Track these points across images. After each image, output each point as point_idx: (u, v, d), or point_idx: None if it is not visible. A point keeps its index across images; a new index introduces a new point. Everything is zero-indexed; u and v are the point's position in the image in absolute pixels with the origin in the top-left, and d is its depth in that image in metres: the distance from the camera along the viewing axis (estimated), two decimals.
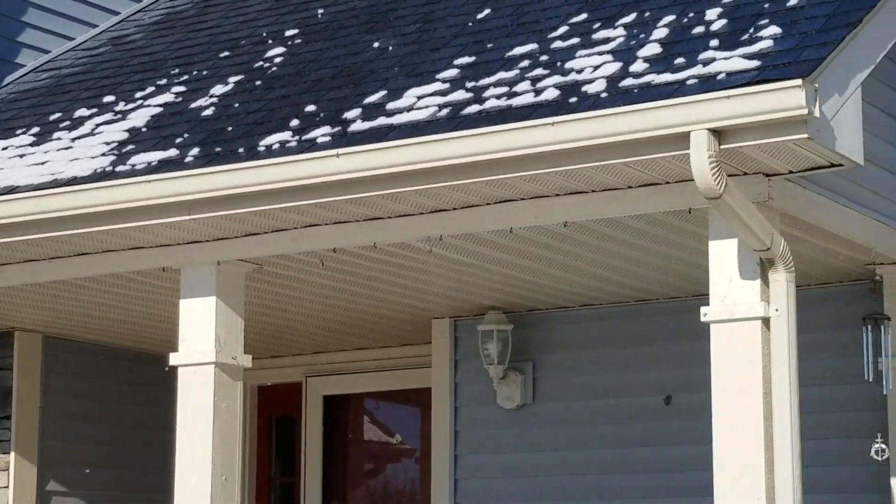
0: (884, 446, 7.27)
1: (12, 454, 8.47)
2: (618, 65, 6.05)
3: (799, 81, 5.08)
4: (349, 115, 6.47)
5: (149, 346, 9.16)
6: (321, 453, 9.76)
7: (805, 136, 5.18)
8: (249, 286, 7.21)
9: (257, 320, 8.20)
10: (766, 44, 5.72)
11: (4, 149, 7.66)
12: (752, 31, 5.95)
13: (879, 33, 5.94)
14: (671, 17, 6.46)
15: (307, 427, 9.83)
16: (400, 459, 9.90)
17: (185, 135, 6.98)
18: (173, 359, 6.79)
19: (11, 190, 6.86)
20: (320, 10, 8.70)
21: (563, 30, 6.74)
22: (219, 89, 7.61)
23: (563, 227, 6.45)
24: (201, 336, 6.79)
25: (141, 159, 6.72)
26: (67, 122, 7.79)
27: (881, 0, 5.94)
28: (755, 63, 5.51)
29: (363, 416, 9.97)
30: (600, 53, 6.31)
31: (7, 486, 8.45)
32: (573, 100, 5.82)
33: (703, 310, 5.76)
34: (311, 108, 6.78)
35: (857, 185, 6.41)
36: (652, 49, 6.10)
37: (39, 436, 8.68)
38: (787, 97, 5.11)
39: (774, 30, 5.84)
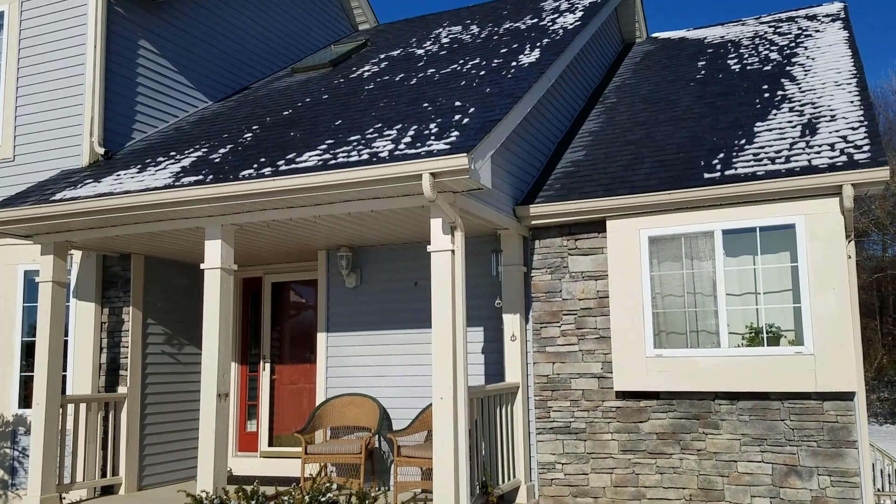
0: (499, 302, 7.49)
1: (131, 307, 8.20)
2: (393, 145, 6.18)
3: (465, 154, 5.51)
4: (279, 163, 6.46)
5: (191, 260, 8.73)
6: (271, 309, 9.55)
7: (468, 177, 5.60)
8: (236, 234, 7.06)
9: (239, 249, 8.04)
10: (453, 138, 5.98)
11: (125, 174, 7.38)
12: (447, 133, 6.13)
13: (498, 134, 6.15)
14: (416, 126, 6.56)
15: (264, 297, 9.59)
16: (307, 310, 9.44)
17: (205, 169, 6.86)
18: (203, 265, 6.70)
19: (128, 192, 6.73)
20: (268, 118, 8.31)
21: (370, 131, 6.78)
22: (221, 151, 7.41)
23: (371, 213, 6.45)
24: (214, 256, 6.65)
25: (187, 180, 6.67)
26: (152, 162, 7.58)
27: (502, 119, 6.20)
28: (449, 146, 5.79)
29: (290, 291, 9.55)
30: (386, 140, 6.40)
31: (128, 321, 8.18)
32: (375, 160, 5.95)
33: (428, 247, 5.98)
34: (262, 159, 6.69)
35: (489, 195, 6.59)
36: (407, 139, 6.26)
37: (142, 300, 8.34)
38: (461, 160, 5.52)
39: (457, 133, 6.08)
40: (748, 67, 9.32)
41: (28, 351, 8.41)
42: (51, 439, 7.37)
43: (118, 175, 7.50)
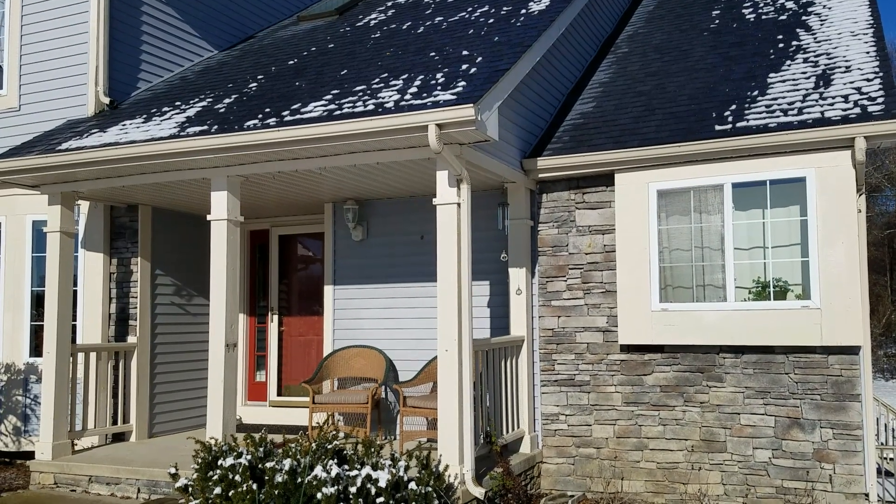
0: (505, 256, 7.52)
1: (139, 258, 8.29)
2: (399, 95, 6.13)
3: (472, 105, 5.43)
4: (284, 113, 6.43)
5: (198, 211, 8.79)
6: (278, 261, 9.60)
7: (474, 128, 5.52)
8: (242, 186, 6.95)
9: (246, 201, 7.94)
10: (460, 89, 5.90)
11: (130, 124, 7.38)
12: (454, 83, 6.06)
13: (506, 84, 6.09)
14: (422, 76, 6.49)
15: (271, 249, 9.65)
16: (314, 262, 9.46)
17: (210, 120, 6.83)
18: (209, 217, 6.70)
19: (133, 142, 6.71)
20: (273, 68, 8.29)
21: (376, 81, 6.71)
22: (226, 101, 7.39)
23: (377, 165, 6.42)
24: (220, 207, 6.65)
25: (192, 130, 6.67)
26: (158, 112, 7.58)
27: (510, 69, 6.13)
28: (455, 97, 5.74)
29: (297, 244, 9.58)
30: (392, 90, 6.34)
31: (136, 272, 8.27)
32: (380, 110, 5.89)
33: (434, 200, 5.94)
34: (267, 109, 6.68)
35: (496, 148, 6.50)
36: (413, 90, 6.19)
37: (150, 250, 8.43)
38: (468, 111, 5.45)
39: (464, 83, 6.00)
40: (763, 17, 9.10)
41: (38, 301, 8.52)
42: (62, 387, 7.51)
43: (124, 125, 7.49)
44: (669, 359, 6.97)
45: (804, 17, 8.71)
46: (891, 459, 9.78)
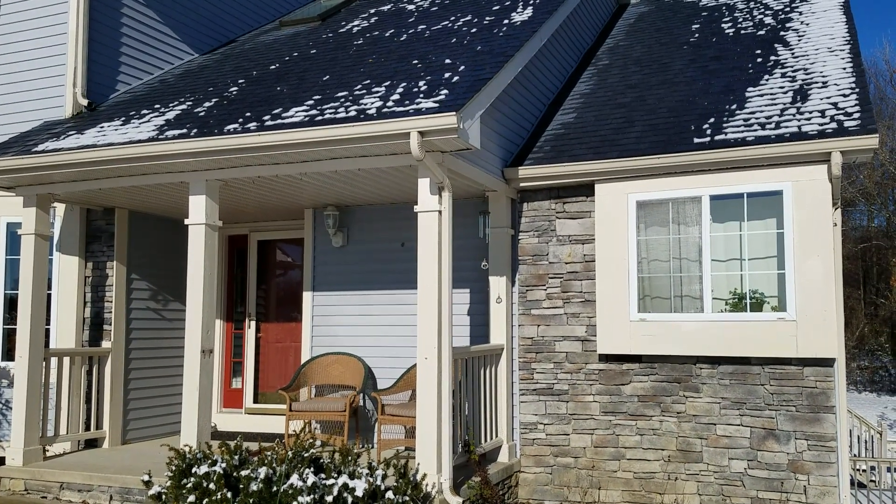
0: (486, 264, 7.51)
1: (115, 262, 8.16)
2: (381, 102, 6.11)
3: (454, 113, 5.44)
4: (265, 118, 6.40)
5: (176, 215, 8.66)
6: (257, 267, 9.53)
7: (456, 136, 5.52)
8: (221, 190, 6.90)
9: (225, 206, 7.94)
10: (442, 97, 5.89)
11: (108, 126, 7.28)
12: (436, 91, 6.04)
13: (488, 93, 6.09)
14: (404, 84, 6.46)
15: (250, 254, 9.57)
16: (293, 268, 9.42)
17: (190, 123, 6.76)
18: (187, 221, 6.66)
19: (111, 145, 6.65)
20: (254, 72, 8.22)
21: (358, 87, 6.68)
22: (207, 104, 7.33)
23: (358, 171, 6.39)
24: (198, 212, 6.61)
25: (171, 133, 6.58)
26: (136, 115, 7.48)
27: (493, 78, 6.12)
28: (438, 105, 5.72)
29: (276, 249, 9.54)
30: (374, 97, 6.31)
31: (112, 276, 8.15)
32: (362, 117, 5.86)
33: (415, 207, 5.95)
34: (248, 114, 6.64)
35: (478, 156, 6.52)
36: (395, 97, 6.16)
37: (126, 255, 8.29)
38: (450, 119, 5.45)
39: (446, 91, 5.98)
40: (742, 32, 9.22)
41: (11, 304, 8.39)
42: (34, 392, 7.38)
43: (102, 127, 7.40)
44: (647, 369, 7.00)
45: (782, 33, 8.83)
46: (864, 471, 9.89)
